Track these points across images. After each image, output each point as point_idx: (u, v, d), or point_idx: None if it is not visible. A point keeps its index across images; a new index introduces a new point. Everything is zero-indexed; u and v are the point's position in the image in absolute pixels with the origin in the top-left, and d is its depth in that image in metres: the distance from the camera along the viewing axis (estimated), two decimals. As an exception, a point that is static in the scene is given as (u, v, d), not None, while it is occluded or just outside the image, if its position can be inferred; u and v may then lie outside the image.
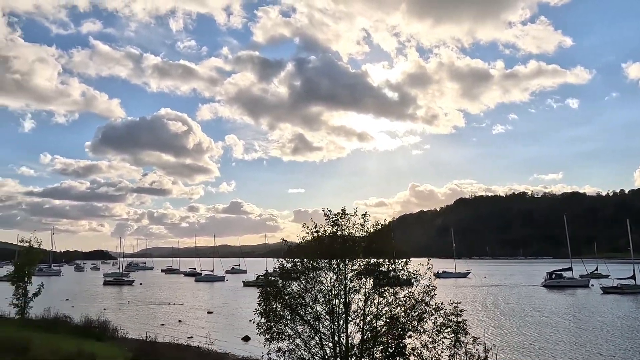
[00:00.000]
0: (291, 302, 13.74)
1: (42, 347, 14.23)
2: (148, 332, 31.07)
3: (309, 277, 13.74)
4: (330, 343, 13.59)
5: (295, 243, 14.81)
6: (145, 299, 64.09)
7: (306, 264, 13.85)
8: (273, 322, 14.00)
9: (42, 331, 23.81)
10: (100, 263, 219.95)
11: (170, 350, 21.36)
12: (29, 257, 31.20)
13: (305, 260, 13.77)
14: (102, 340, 23.81)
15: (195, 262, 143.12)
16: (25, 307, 30.30)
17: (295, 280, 13.95)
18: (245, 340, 32.50)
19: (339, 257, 13.53)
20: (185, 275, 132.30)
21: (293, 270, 13.93)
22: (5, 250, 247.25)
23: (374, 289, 13.34)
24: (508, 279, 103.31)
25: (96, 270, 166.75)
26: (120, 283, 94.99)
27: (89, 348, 18.93)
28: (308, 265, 13.78)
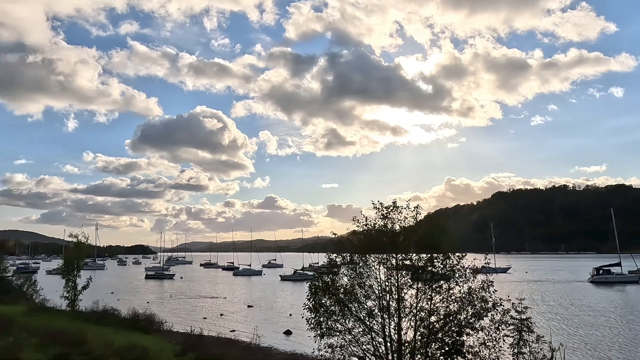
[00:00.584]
0: (341, 297, 13.42)
1: (96, 340, 14.48)
2: (192, 325, 31.58)
3: (360, 272, 13.38)
4: (381, 339, 13.23)
5: (345, 237, 14.45)
6: (186, 293, 65.42)
7: (357, 258, 13.50)
8: (323, 317, 13.74)
9: (92, 323, 24.40)
10: (141, 257, 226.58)
11: (216, 344, 21.46)
12: (78, 252, 32.15)
13: (356, 254, 13.41)
14: (149, 333, 24.17)
15: (232, 257, 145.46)
16: (75, 299, 31.21)
17: (345, 275, 13.62)
18: (287, 335, 32.59)
19: (390, 252, 13.12)
20: (223, 269, 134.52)
21: (343, 264, 13.58)
22: (54, 245, 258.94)
23: (427, 284, 12.86)
24: (551, 275, 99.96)
25: (138, 264, 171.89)
26: (161, 277, 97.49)
27: (138, 341, 19.24)
28: (358, 260, 13.43)
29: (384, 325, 13.18)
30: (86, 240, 32.92)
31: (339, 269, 13.77)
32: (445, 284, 12.82)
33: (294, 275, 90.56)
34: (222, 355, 16.31)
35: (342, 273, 13.64)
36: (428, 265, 12.90)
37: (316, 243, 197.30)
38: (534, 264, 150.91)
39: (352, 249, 13.66)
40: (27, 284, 38.56)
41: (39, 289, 38.34)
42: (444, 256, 12.69)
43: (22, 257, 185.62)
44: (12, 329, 16.47)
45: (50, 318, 24.40)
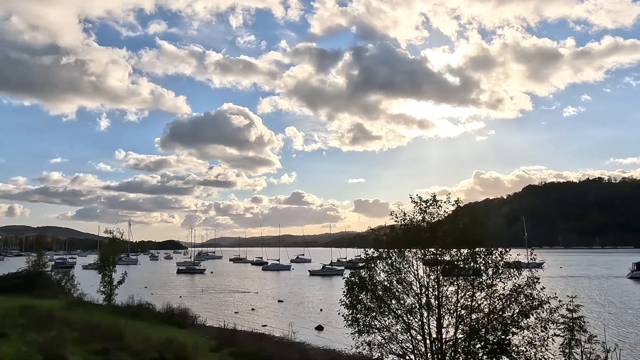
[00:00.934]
0: (379, 293, 13.12)
1: (134, 334, 14.61)
2: (224, 320, 31.87)
3: (398, 268, 13.03)
4: (420, 337, 12.87)
5: (383, 232, 14.11)
6: (217, 287, 66.24)
7: (394, 253, 13.15)
8: (361, 313, 13.47)
9: (128, 318, 24.75)
10: (172, 252, 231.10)
11: (250, 338, 21.51)
12: (113, 247, 32.78)
13: (394, 250, 13.07)
14: (183, 327, 24.41)
15: (261, 252, 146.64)
16: (111, 294, 31.82)
17: (383, 270, 13.29)
18: (318, 330, 32.52)
19: (429, 247, 12.72)
20: (252, 264, 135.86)
21: (380, 260, 13.25)
22: (89, 240, 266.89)
23: (468, 280, 12.42)
24: (588, 270, 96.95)
25: (169, 259, 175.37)
26: (192, 272, 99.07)
27: (173, 335, 19.37)
28: (396, 255, 13.08)
29: (423, 322, 12.83)
30: (121, 236, 33.52)
31: (376, 264, 13.45)
32: (488, 280, 12.35)
33: (323, 270, 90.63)
34: (258, 350, 16.23)
35: (380, 269, 13.31)
36: (469, 260, 12.46)
37: (343, 238, 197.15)
38: (568, 259, 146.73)
39: (390, 244, 13.31)
40: (65, 278, 39.49)
41: (76, 283, 39.20)
42: (486, 251, 12.21)
43: (59, 252, 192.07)
44: (52, 323, 16.81)
45: (88, 312, 24.88)
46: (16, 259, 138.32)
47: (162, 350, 11.93)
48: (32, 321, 16.05)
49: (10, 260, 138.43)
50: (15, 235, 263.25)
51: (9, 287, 32.69)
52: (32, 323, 15.45)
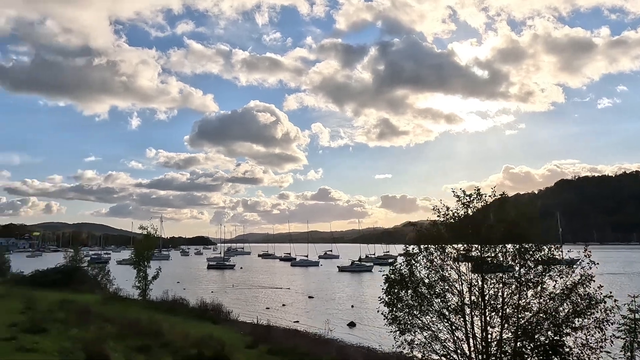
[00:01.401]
0: (420, 291, 12.66)
1: (172, 330, 14.59)
2: (257, 315, 31.88)
3: (440, 265, 12.55)
4: (464, 337, 12.37)
5: (425, 227, 13.62)
6: (247, 283, 66.71)
7: (437, 250, 12.67)
8: (402, 312, 13.05)
9: (163, 313, 24.99)
10: (202, 248, 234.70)
11: (284, 335, 21.35)
12: (148, 243, 33.25)
13: (437, 246, 12.58)
14: (217, 323, 24.47)
15: (289, 248, 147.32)
16: (146, 289, 32.30)
17: (424, 267, 12.83)
18: (351, 327, 32.18)
19: (473, 243, 12.19)
20: (280, 260, 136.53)
21: (422, 256, 12.78)
22: (122, 236, 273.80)
23: (515, 278, 11.83)
24: (627, 267, 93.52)
25: (199, 255, 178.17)
26: (222, 267, 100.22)
27: (209, 331, 19.37)
28: (439, 252, 12.60)
29: (466, 321, 12.32)
30: (155, 232, 33.96)
31: (416, 261, 12.99)
32: (536, 278, 11.74)
33: (352, 266, 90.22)
34: (294, 347, 16.02)
35: (421, 265, 12.85)
36: (517, 257, 11.87)
37: (371, 234, 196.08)
38: (604, 255, 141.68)
39: (432, 239, 12.82)
40: (101, 274, 40.28)
41: (111, 278, 39.96)
42: (536, 247, 11.60)
43: (94, 248, 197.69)
44: (91, 318, 17.00)
45: (124, 307, 25.23)
46: (54, 255, 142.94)
47: (201, 347, 11.81)
48: (72, 316, 16.25)
49: (48, 255, 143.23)
50: (52, 231, 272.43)
51: (49, 282, 33.55)
52: (72, 318, 15.63)
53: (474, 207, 12.40)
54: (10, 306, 18.93)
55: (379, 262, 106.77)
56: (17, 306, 19.20)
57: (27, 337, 10.59)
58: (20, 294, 24.21)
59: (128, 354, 10.13)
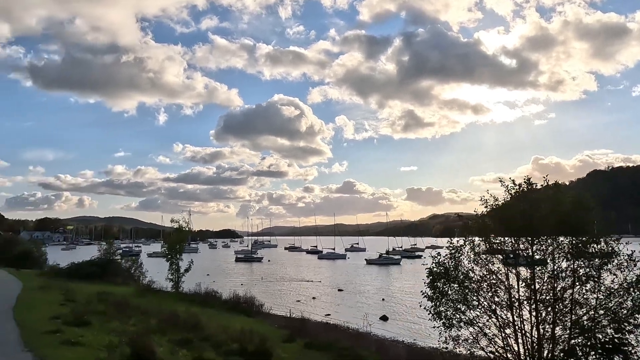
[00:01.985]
0: (467, 284, 12.15)
1: (211, 324, 14.50)
2: (287, 308, 31.84)
3: (487, 259, 12.00)
4: (512, 333, 11.82)
5: (472, 219, 13.06)
6: (275, 275, 66.97)
7: (484, 242, 12.12)
8: (445, 306, 12.56)
9: (197, 305, 25.07)
10: (229, 241, 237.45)
11: (319, 329, 21.13)
12: (179, 236, 33.49)
13: (485, 238, 12.03)
14: (251, 316, 24.45)
15: (315, 241, 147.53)
16: (179, 281, 32.57)
17: (470, 261, 12.30)
18: (383, 320, 31.78)
19: (524, 235, 11.59)
20: (307, 252, 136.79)
21: (469, 248, 12.24)
22: (152, 230, 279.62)
23: (572, 272, 11.20)
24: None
25: (227, 247, 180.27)
26: (250, 260, 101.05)
27: (244, 324, 19.28)
28: (485, 244, 12.04)
29: (515, 317, 11.76)
30: (186, 225, 34.15)
31: (462, 254, 12.46)
32: (593, 271, 11.07)
33: (380, 259, 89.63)
34: (333, 341, 15.72)
35: (466, 258, 12.32)
36: (572, 250, 11.22)
37: (396, 227, 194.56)
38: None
39: (479, 232, 12.26)
40: (134, 266, 40.85)
41: (144, 271, 40.51)
42: (593, 239, 10.93)
43: (125, 241, 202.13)
44: (129, 310, 17.07)
45: (159, 299, 25.42)
46: (87, 248, 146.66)
47: (242, 341, 11.62)
48: (111, 308, 16.33)
49: (81, 248, 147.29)
50: (85, 225, 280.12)
51: (84, 274, 34.18)
52: (111, 310, 15.70)
53: (525, 197, 11.76)
54: (50, 298, 19.20)
55: (407, 255, 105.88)
56: (56, 298, 19.48)
57: (70, 329, 10.57)
58: (58, 285, 24.62)
59: (170, 348, 9.98)
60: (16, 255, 44.40)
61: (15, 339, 9.56)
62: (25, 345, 8.94)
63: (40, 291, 21.63)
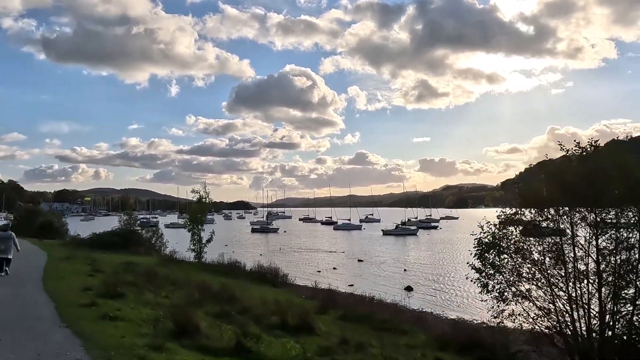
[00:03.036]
0: (519, 255, 11.36)
1: (244, 295, 14.00)
2: (310, 278, 31.54)
3: (546, 229, 11.16)
4: (574, 309, 11.07)
5: (529, 185, 12.17)
6: (293, 246, 66.98)
7: (538, 213, 11.26)
8: (492, 279, 11.84)
9: (222, 276, 24.78)
10: (244, 212, 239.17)
11: (348, 299, 20.65)
12: (201, 207, 33.10)
13: (546, 209, 11.16)
14: (276, 286, 24.10)
15: (330, 212, 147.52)
16: (201, 252, 32.39)
17: (527, 233, 11.47)
18: (408, 291, 31.33)
19: (587, 204, 10.70)
20: (322, 224, 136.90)
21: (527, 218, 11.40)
22: (167, 201, 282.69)
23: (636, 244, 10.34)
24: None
25: (242, 219, 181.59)
26: (266, 231, 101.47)
27: (272, 295, 18.84)
28: (546, 214, 11.19)
29: (577, 292, 10.99)
30: (207, 196, 33.66)
31: (513, 224, 11.63)
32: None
33: (397, 229, 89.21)
34: (369, 313, 15.16)
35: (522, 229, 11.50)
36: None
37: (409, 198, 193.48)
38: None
39: (538, 202, 11.36)
40: (155, 236, 40.89)
41: (165, 241, 40.57)
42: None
43: (142, 212, 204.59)
44: (158, 281, 16.66)
45: (184, 270, 25.11)
46: (105, 218, 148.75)
47: (281, 313, 11.06)
48: (140, 279, 15.91)
49: (100, 219, 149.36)
50: (102, 196, 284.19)
51: (107, 244, 34.18)
52: (141, 281, 15.26)
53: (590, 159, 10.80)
54: (77, 268, 18.91)
55: (423, 225, 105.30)
56: (83, 268, 19.19)
57: (105, 302, 10.06)
58: (82, 256, 24.42)
59: (211, 322, 9.42)
60: (39, 226, 44.67)
61: (51, 314, 9.05)
62: (62, 321, 8.41)
63: (66, 262, 21.40)
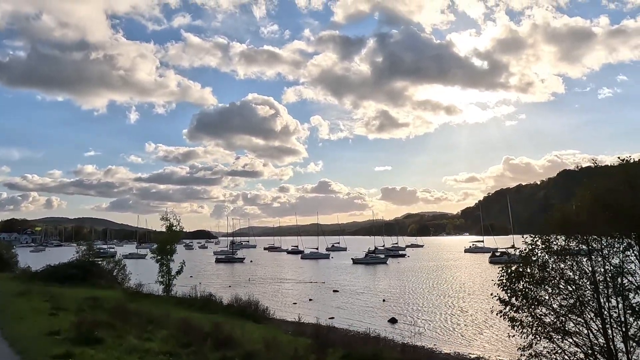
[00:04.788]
0: (561, 286, 10.26)
1: (244, 336, 12.20)
2: (294, 312, 29.64)
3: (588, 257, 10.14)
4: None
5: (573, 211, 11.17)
6: (262, 276, 64.34)
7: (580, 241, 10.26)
8: (524, 311, 10.67)
9: (197, 310, 22.73)
10: (205, 242, 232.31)
11: (339, 335, 19.03)
12: (171, 236, 30.81)
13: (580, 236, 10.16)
14: (259, 322, 22.16)
15: (296, 240, 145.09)
16: (170, 284, 30.03)
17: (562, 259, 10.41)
18: (392, 323, 29.88)
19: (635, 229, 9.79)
20: (287, 253, 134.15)
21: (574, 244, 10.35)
22: (124, 230, 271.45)
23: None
24: None
25: (204, 248, 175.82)
26: (231, 260, 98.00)
27: (259, 333, 17.15)
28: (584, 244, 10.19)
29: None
30: (178, 223, 31.41)
31: (549, 251, 10.56)
32: None
33: (366, 258, 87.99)
34: (373, 354, 13.62)
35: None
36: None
37: (372, 226, 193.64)
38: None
39: (584, 226, 10.35)
40: (117, 268, 38.00)
41: (128, 273, 37.77)
42: None
43: (98, 242, 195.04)
44: (133, 319, 14.61)
45: (156, 305, 22.89)
46: (57, 249, 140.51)
47: (274, 354, 9.42)
48: (113, 317, 13.83)
49: (52, 250, 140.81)
50: (54, 226, 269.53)
51: (64, 277, 31.19)
52: (115, 320, 13.20)
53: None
54: (35, 306, 16.53)
55: (391, 254, 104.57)
56: (42, 305, 16.82)
57: (83, 352, 8.12)
58: (38, 290, 21.85)
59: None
60: (-15, 257, 40.74)
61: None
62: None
63: (22, 298, 18.88)
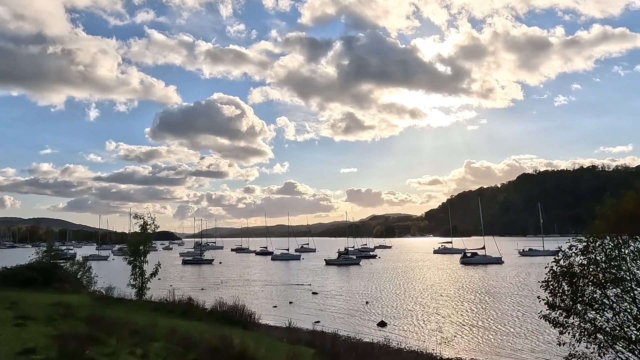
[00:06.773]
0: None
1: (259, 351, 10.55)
2: (276, 316, 28.00)
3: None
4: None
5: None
6: (234, 278, 62.10)
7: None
8: (577, 315, 9.55)
9: (179, 317, 20.70)
10: (169, 243, 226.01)
11: (335, 341, 17.56)
12: (145, 236, 28.53)
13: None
14: (248, 328, 20.35)
15: (264, 242, 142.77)
16: (143, 288, 27.82)
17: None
18: (381, 326, 28.67)
19: None
20: (256, 254, 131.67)
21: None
22: (82, 231, 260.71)
23: None
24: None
25: (168, 250, 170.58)
26: (199, 262, 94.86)
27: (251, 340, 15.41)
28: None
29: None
30: (152, 222, 29.08)
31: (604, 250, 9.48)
32: None
33: (339, 259, 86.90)
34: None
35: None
36: None
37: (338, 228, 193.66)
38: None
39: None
40: (81, 270, 35.37)
41: (93, 276, 35.27)
42: None
43: (55, 243, 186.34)
44: (115, 330, 12.64)
45: (130, 311, 20.69)
46: (11, 251, 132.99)
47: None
48: (93, 328, 11.85)
49: (5, 252, 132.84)
50: (7, 227, 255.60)
51: (22, 281, 28.40)
52: (97, 331, 11.26)
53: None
54: (-5, 315, 14.22)
55: (363, 255, 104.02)
56: (4, 315, 14.49)
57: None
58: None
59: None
60: None
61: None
62: None
63: (-23, 305, 16.39)
